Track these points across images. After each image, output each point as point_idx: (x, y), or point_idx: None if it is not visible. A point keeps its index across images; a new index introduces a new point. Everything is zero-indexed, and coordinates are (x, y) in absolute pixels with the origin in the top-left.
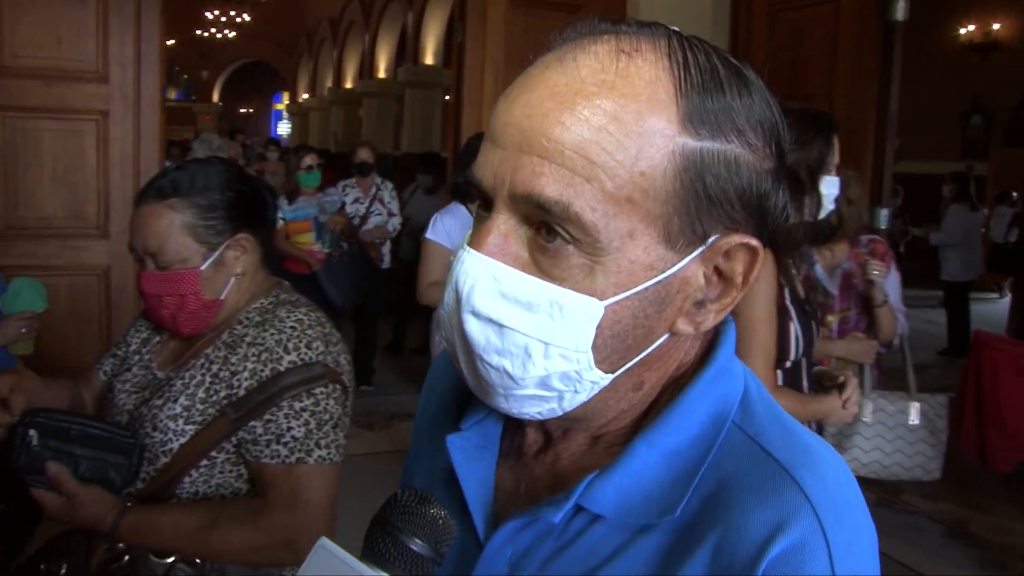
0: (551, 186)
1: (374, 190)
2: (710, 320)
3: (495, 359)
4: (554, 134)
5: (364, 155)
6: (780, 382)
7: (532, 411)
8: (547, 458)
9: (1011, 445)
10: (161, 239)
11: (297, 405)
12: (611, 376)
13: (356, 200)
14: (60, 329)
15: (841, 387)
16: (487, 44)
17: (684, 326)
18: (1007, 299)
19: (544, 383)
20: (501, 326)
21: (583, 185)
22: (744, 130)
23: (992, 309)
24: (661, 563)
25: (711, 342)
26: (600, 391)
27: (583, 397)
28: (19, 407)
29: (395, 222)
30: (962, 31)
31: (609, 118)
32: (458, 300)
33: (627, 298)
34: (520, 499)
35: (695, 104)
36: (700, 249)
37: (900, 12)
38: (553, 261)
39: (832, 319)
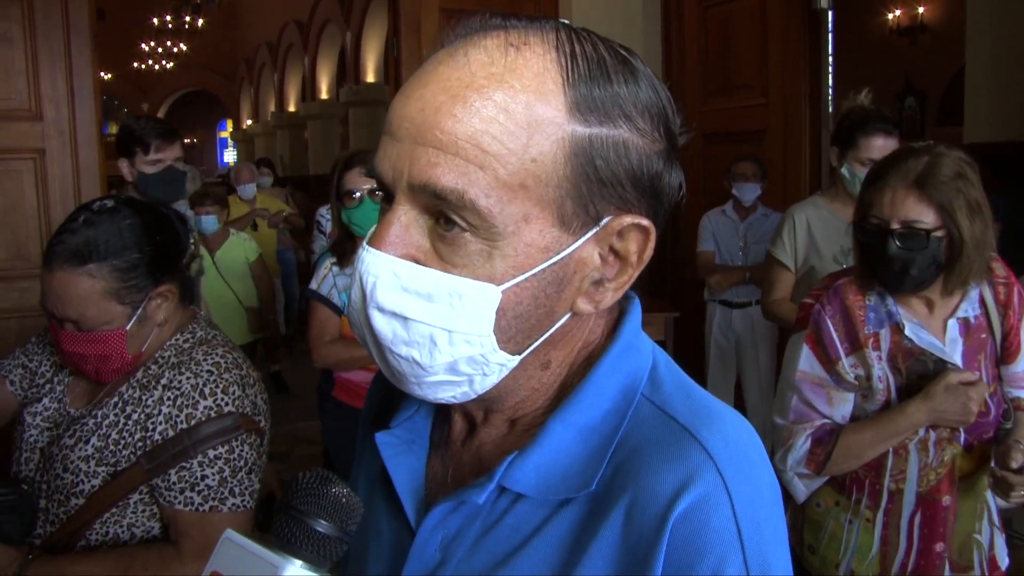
0: (446, 176)
1: None
2: (608, 298)
3: (403, 350)
4: (447, 126)
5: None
6: None
7: (446, 395)
8: (472, 445)
9: None
10: (81, 307)
11: (212, 453)
12: (517, 357)
13: None
14: None
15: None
16: (423, 57)
17: (584, 305)
18: None
19: (452, 368)
20: (406, 319)
21: (477, 173)
22: (632, 115)
23: None
24: (579, 531)
25: (616, 320)
26: (509, 372)
27: (493, 379)
28: None
29: None
30: (890, 16)
31: (499, 109)
32: (364, 297)
33: (525, 280)
34: (448, 486)
35: (582, 93)
36: (594, 230)
37: (824, 0)
38: (452, 248)
39: None
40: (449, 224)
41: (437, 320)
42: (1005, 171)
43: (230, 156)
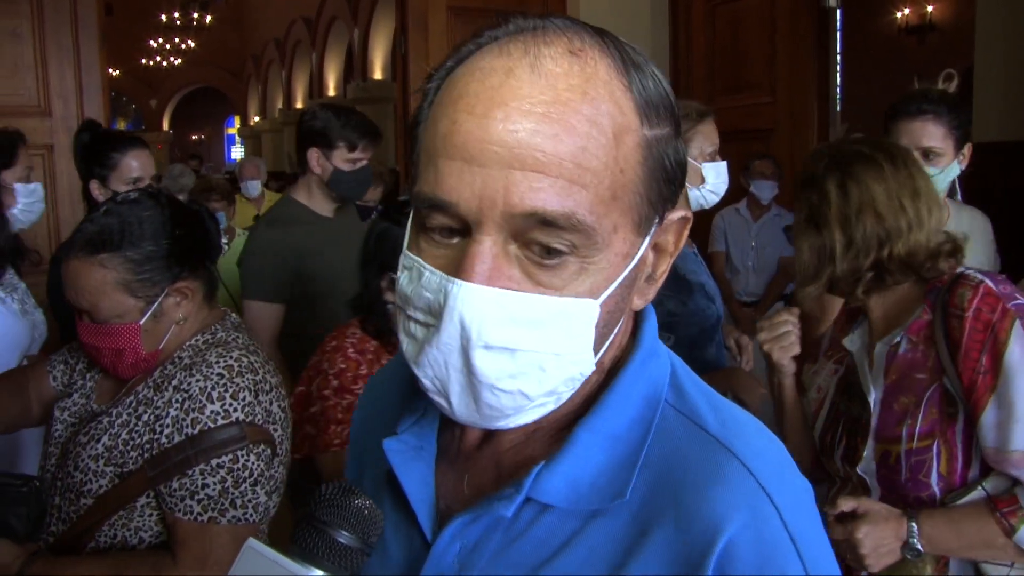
0: (552, 200)
1: None
2: (652, 292)
3: (509, 384)
4: (547, 147)
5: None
6: None
7: (528, 419)
8: (488, 451)
9: None
10: (93, 297)
11: (214, 462)
12: (595, 364)
13: None
14: None
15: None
16: (430, 54)
17: (638, 301)
18: None
19: (552, 391)
20: (514, 351)
21: (580, 193)
22: (668, 110)
23: None
24: (621, 546)
25: (634, 323)
26: None
27: (572, 390)
28: None
29: None
30: (899, 14)
31: (590, 123)
32: (465, 339)
33: (615, 289)
34: (464, 495)
35: (641, 95)
36: (655, 228)
37: None
38: (552, 272)
39: (863, 452)
40: (550, 249)
41: (546, 345)
42: (1014, 170)
43: (237, 152)
